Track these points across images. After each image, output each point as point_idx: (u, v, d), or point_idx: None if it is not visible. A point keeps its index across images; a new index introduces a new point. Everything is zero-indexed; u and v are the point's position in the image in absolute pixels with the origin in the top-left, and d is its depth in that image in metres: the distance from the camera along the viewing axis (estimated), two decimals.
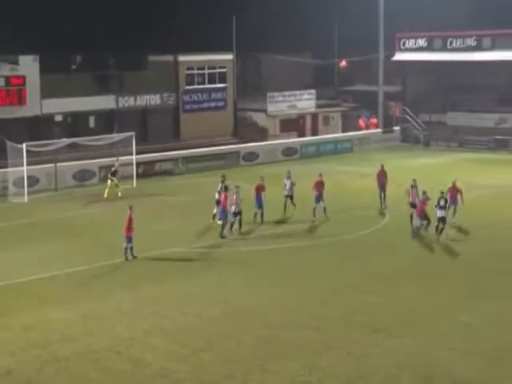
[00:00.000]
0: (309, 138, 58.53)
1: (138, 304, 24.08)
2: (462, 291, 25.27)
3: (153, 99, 57.20)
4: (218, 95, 60.79)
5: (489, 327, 22.03)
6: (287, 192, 35.56)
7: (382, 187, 36.80)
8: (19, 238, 32.08)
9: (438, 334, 21.54)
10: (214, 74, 60.41)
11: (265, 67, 70.60)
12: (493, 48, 58.51)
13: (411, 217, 32.97)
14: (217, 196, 33.52)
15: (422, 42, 62.26)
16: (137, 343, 21.04)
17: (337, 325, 22.33)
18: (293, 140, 56.99)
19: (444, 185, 33.42)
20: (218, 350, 20.55)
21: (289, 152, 53.73)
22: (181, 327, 22.24)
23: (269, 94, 60.70)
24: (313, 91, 63.20)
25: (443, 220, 30.93)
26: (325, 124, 63.23)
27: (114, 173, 40.82)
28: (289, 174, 36.06)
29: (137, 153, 44.47)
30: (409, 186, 33.46)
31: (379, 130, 60.57)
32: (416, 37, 62.36)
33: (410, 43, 62.76)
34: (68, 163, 43.61)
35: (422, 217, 31.68)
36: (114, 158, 42.35)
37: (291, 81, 66.17)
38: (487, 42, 59.01)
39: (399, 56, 62.81)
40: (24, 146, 39.97)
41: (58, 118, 52.67)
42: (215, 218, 33.36)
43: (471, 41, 59.68)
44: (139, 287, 25.64)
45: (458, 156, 53.79)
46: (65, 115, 52.88)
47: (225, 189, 32.96)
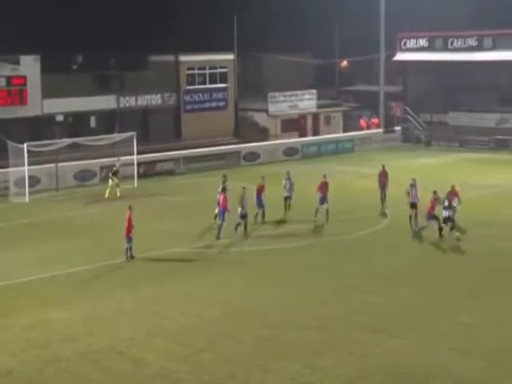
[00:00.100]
0: (310, 138, 58.56)
1: (139, 304, 24.10)
2: (462, 291, 25.28)
3: (154, 99, 57.22)
4: (219, 95, 60.80)
5: (489, 327, 22.04)
6: (286, 193, 35.46)
7: (383, 188, 36.81)
8: (20, 238, 32.11)
9: (438, 334, 21.56)
10: (215, 74, 60.42)
11: (266, 67, 70.58)
12: (494, 48, 58.55)
13: (411, 218, 33.05)
14: (218, 196, 33.46)
15: (423, 42, 62.29)
16: (138, 343, 21.06)
17: (337, 325, 22.35)
18: (294, 140, 57.01)
19: (445, 184, 33.46)
20: (219, 350, 20.57)
21: (290, 152, 53.75)
22: (181, 327, 22.26)
23: (270, 94, 60.72)
24: (314, 91, 63.21)
25: (449, 219, 30.94)
26: (326, 124, 63.25)
27: (116, 173, 40.87)
28: (288, 175, 35.98)
29: (138, 153, 44.52)
30: (408, 186, 33.52)
31: (380, 130, 60.58)
32: (417, 37, 62.40)
33: (411, 43, 62.80)
34: (69, 163, 43.64)
35: (430, 217, 31.45)
36: (115, 158, 42.39)
37: (292, 81, 66.16)
38: (488, 42, 59.04)
39: (400, 56, 62.84)
40: (25, 146, 40.00)
41: (59, 118, 52.68)
42: (216, 218, 33.30)
43: (472, 41, 59.70)
44: (140, 287, 25.66)
45: (459, 156, 53.80)
46: (66, 115, 52.89)
47: (223, 190, 32.87)
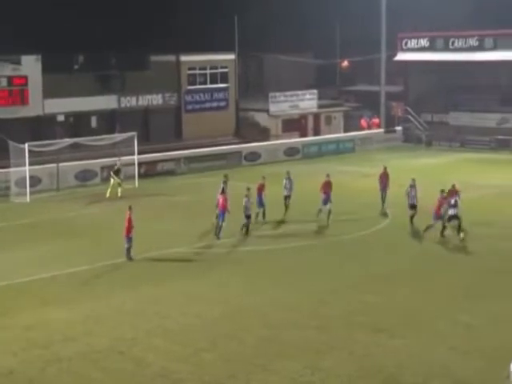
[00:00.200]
0: (311, 138, 58.57)
1: (139, 304, 24.11)
2: (462, 291, 25.29)
3: (155, 99, 57.22)
4: (220, 95, 60.80)
5: (489, 327, 22.04)
6: (286, 192, 35.48)
7: (384, 189, 36.79)
8: (21, 238, 32.13)
9: (438, 334, 21.57)
10: (216, 74, 60.42)
11: (267, 67, 70.62)
12: (495, 48, 58.56)
13: (411, 218, 33.16)
14: (218, 197, 33.40)
15: (424, 42, 62.30)
16: (138, 343, 21.07)
17: (337, 325, 22.36)
18: (295, 140, 57.02)
19: (447, 184, 33.50)
20: (220, 350, 20.58)
21: (291, 152, 53.75)
22: (182, 327, 22.27)
23: (271, 94, 60.72)
24: (315, 91, 63.20)
25: (455, 217, 30.98)
26: (327, 124, 63.24)
27: (117, 171, 40.85)
28: (288, 175, 35.95)
29: (139, 153, 44.54)
30: (408, 187, 33.57)
31: (381, 130, 60.58)
32: (418, 37, 62.40)
33: (412, 43, 62.81)
34: (70, 163, 43.65)
35: (437, 217, 31.38)
36: (116, 158, 42.37)
37: (293, 81, 66.20)
38: (489, 42, 59.05)
39: (401, 56, 62.85)
40: (26, 146, 40.02)
41: (60, 118, 52.68)
42: (217, 218, 33.24)
43: (473, 41, 59.71)
44: (140, 287, 25.67)
45: (460, 156, 53.81)
46: (67, 115, 52.89)
47: (222, 191, 32.80)
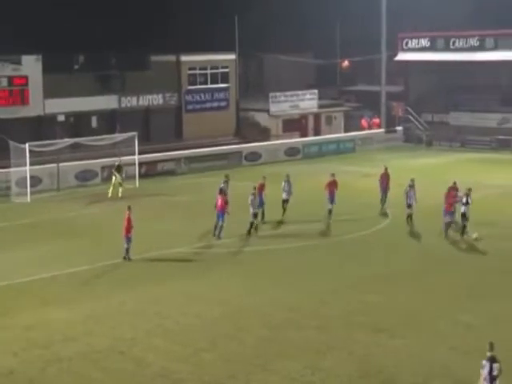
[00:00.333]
0: (311, 138, 58.56)
1: (140, 304, 24.11)
2: (463, 291, 25.28)
3: (155, 99, 57.22)
4: (221, 95, 60.80)
5: (489, 327, 22.01)
6: (285, 196, 35.03)
7: (384, 190, 36.75)
8: (21, 238, 32.12)
9: (439, 334, 21.56)
10: (217, 74, 60.41)
11: (267, 67, 70.63)
12: (495, 48, 58.56)
13: (410, 217, 33.33)
14: (216, 198, 33.30)
15: (425, 42, 62.30)
16: (138, 343, 21.07)
17: (337, 325, 22.35)
18: (295, 140, 57.02)
19: (446, 185, 33.56)
20: (220, 351, 20.57)
21: (291, 152, 53.74)
22: (182, 327, 22.27)
23: (271, 94, 60.70)
24: (315, 91, 63.18)
25: (464, 217, 31.13)
26: (327, 124, 63.23)
27: (119, 168, 40.75)
28: (287, 178, 35.59)
29: (139, 153, 44.53)
30: (407, 186, 33.64)
31: (382, 130, 60.58)
32: (418, 37, 62.40)
33: (413, 43, 62.81)
34: (70, 163, 43.65)
35: (448, 213, 31.63)
36: (117, 158, 42.31)
37: (293, 81, 66.20)
38: (490, 42, 59.04)
39: (402, 56, 62.85)
40: (27, 146, 40.01)
41: (61, 118, 52.69)
42: (217, 219, 33.19)
43: (474, 41, 59.71)
44: (140, 287, 25.67)
45: (461, 156, 53.79)
46: (67, 115, 52.90)
47: (221, 191, 32.74)
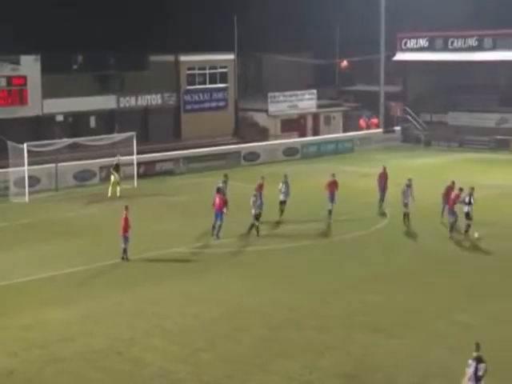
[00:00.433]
0: (310, 138, 58.53)
1: (138, 304, 24.09)
2: (462, 291, 25.28)
3: (154, 99, 57.18)
4: (219, 95, 60.78)
5: (488, 327, 22.02)
6: (282, 197, 34.81)
7: (383, 190, 36.77)
8: (19, 238, 32.08)
9: (437, 334, 21.56)
10: (215, 74, 60.39)
11: (266, 67, 70.57)
12: (494, 48, 58.56)
13: (407, 216, 33.48)
14: (214, 197, 33.24)
15: (423, 42, 62.30)
16: (136, 343, 21.05)
17: (337, 325, 22.34)
18: (294, 140, 56.98)
19: (444, 184, 33.59)
20: (218, 351, 20.56)
21: (290, 152, 53.71)
22: (181, 327, 22.24)
23: (270, 94, 60.66)
24: (314, 91, 63.15)
25: (468, 216, 31.22)
26: (326, 124, 63.20)
27: (117, 167, 40.81)
28: (285, 179, 35.43)
29: (138, 153, 44.48)
30: (404, 186, 33.69)
31: (380, 130, 60.56)
32: (417, 37, 62.39)
33: (411, 43, 62.80)
34: (69, 163, 43.59)
35: (452, 213, 31.82)
36: (116, 158, 42.27)
37: (292, 81, 66.12)
38: (488, 42, 59.05)
39: (400, 56, 62.84)
40: (25, 146, 39.96)
41: (59, 118, 52.63)
42: (215, 218, 33.14)
43: (472, 41, 59.71)
44: (139, 287, 25.64)
45: (459, 156, 53.77)
46: (66, 115, 52.83)
47: (218, 190, 32.68)
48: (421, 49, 62.25)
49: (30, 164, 40.46)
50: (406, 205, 33.48)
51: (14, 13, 54.70)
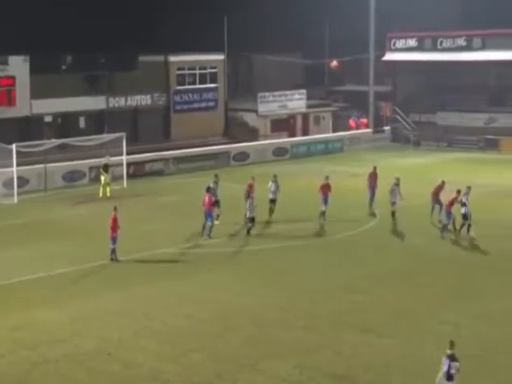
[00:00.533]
0: (299, 138, 58.54)
1: (128, 305, 23.99)
2: (452, 291, 25.30)
3: (143, 99, 57.02)
4: (209, 95, 60.70)
5: (477, 326, 22.04)
6: (272, 196, 34.91)
7: (372, 189, 36.82)
8: (8, 239, 31.92)
9: (427, 334, 21.55)
10: (205, 74, 60.29)
11: (256, 67, 70.54)
12: (483, 48, 58.71)
13: (393, 214, 33.71)
14: (204, 196, 33.12)
15: (413, 42, 62.40)
16: (126, 344, 20.96)
17: (327, 324, 22.32)
18: (283, 140, 56.97)
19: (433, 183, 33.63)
20: (208, 351, 20.50)
21: (279, 152, 53.70)
22: (171, 328, 22.17)
23: (260, 94, 60.63)
24: (303, 91, 63.14)
25: (465, 217, 31.25)
26: (315, 124, 63.21)
27: (106, 167, 40.72)
28: (275, 178, 35.46)
29: (127, 153, 44.37)
30: (392, 185, 33.82)
31: (369, 130, 60.63)
32: (406, 37, 62.48)
33: (401, 43, 62.90)
34: (58, 164, 43.42)
35: (450, 214, 31.83)
36: (104, 159, 42.13)
37: (282, 81, 66.14)
38: (477, 42, 59.19)
39: (390, 56, 62.92)
40: (14, 147, 39.79)
41: (48, 119, 52.45)
42: (217, 219, 33.09)
43: (461, 41, 59.85)
44: (128, 288, 25.55)
45: (448, 156, 53.89)
46: (55, 116, 52.64)
47: (207, 189, 32.60)
48: (410, 49, 62.36)
49: (19, 165, 40.28)
50: (394, 203, 33.71)
51: (2, 13, 54.52)
